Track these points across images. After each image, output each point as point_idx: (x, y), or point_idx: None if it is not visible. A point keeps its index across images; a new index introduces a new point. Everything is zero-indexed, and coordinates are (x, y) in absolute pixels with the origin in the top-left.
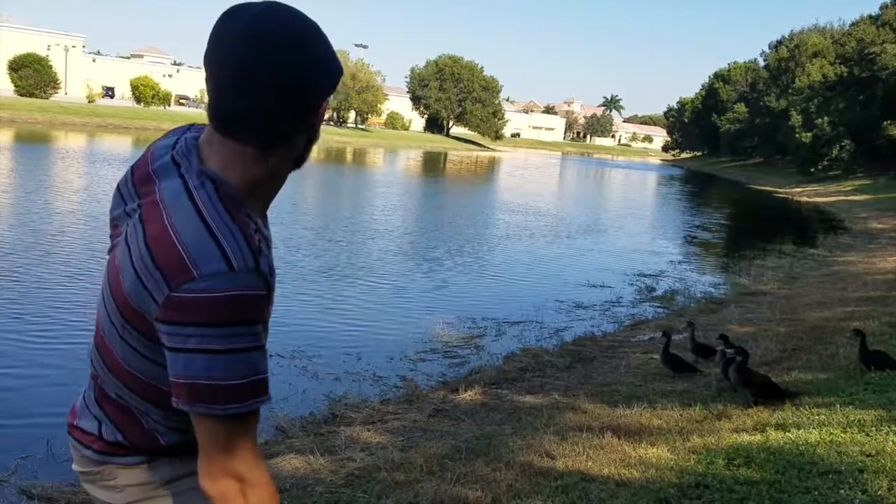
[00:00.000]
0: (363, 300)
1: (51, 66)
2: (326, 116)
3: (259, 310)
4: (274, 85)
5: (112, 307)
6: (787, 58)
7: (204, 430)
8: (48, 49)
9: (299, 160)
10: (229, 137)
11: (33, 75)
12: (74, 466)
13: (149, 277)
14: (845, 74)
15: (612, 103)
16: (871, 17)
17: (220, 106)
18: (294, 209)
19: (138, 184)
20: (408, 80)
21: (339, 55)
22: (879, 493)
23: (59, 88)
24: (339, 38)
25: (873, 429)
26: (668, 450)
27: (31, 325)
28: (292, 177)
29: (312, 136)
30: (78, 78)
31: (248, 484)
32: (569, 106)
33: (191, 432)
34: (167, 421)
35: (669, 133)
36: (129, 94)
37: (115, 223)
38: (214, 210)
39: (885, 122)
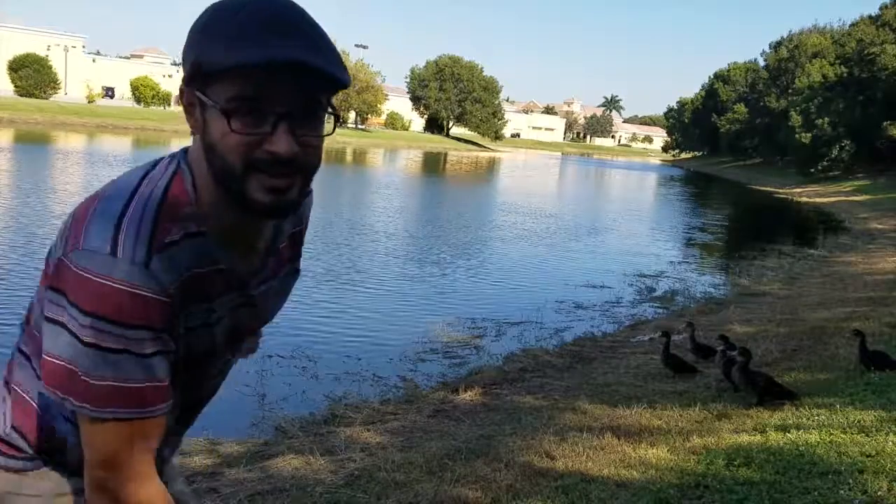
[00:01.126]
0: (363, 301)
1: (51, 67)
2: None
3: (136, 313)
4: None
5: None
6: (786, 58)
7: (80, 429)
8: (48, 49)
9: (236, 197)
10: None
11: (33, 75)
12: None
13: (61, 235)
14: (845, 75)
15: (612, 104)
16: (870, 17)
17: None
18: None
19: None
20: (408, 80)
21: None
22: (879, 493)
23: (58, 89)
24: (340, 39)
25: (873, 429)
26: (668, 450)
27: None
28: None
29: (207, 150)
30: (78, 78)
31: (131, 498)
32: (569, 106)
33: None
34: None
35: (669, 133)
36: (129, 94)
37: None
38: (150, 190)
39: (885, 123)
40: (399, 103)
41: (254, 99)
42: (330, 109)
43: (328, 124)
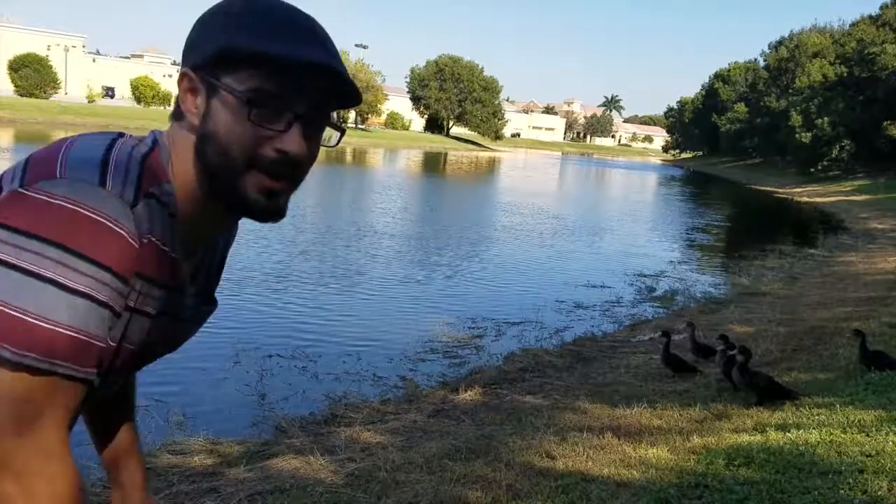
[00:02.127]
0: (363, 300)
1: (51, 66)
2: None
3: (110, 253)
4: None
5: None
6: (787, 58)
7: None
8: (48, 49)
9: (234, 199)
10: None
11: (33, 75)
12: None
13: (8, 176)
14: (845, 75)
15: (612, 103)
16: (870, 17)
17: None
18: (295, 210)
19: None
20: (408, 80)
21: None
22: (879, 493)
23: (59, 88)
24: (340, 39)
25: (873, 429)
26: (668, 450)
27: None
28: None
29: (217, 146)
30: (78, 78)
31: (37, 479)
32: (569, 106)
33: None
34: None
35: (669, 133)
36: (129, 94)
37: None
38: (130, 146)
39: (885, 123)
40: (399, 103)
41: (275, 95)
42: (334, 123)
43: (332, 137)
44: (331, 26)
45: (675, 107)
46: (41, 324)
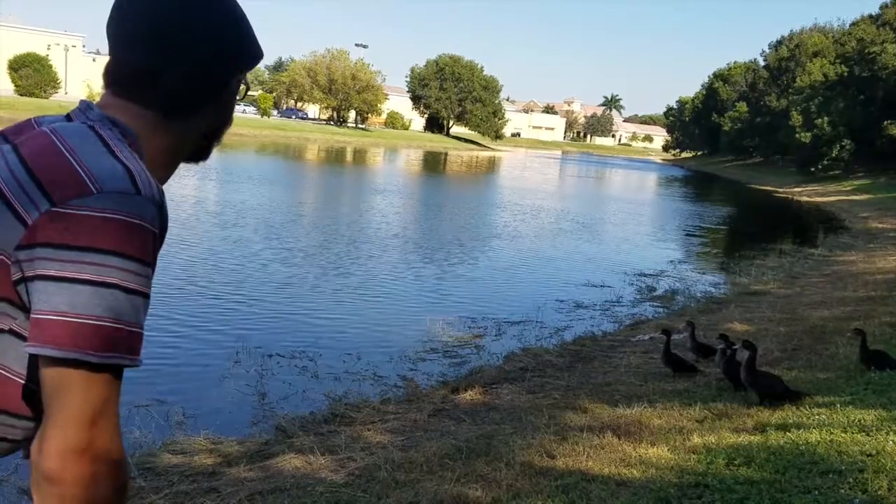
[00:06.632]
0: (363, 300)
1: (51, 66)
2: (326, 116)
3: (150, 250)
4: (188, 42)
5: None
6: (787, 57)
7: (66, 390)
8: (48, 49)
9: (199, 152)
10: (127, 99)
11: (33, 75)
12: None
13: (18, 193)
14: (845, 74)
15: (612, 103)
16: (871, 16)
17: (122, 62)
18: (294, 209)
19: (9, 133)
20: (408, 79)
21: (339, 55)
22: (879, 492)
23: (59, 88)
24: (340, 38)
25: (874, 429)
26: (669, 449)
27: None
28: (293, 179)
29: (220, 122)
30: (78, 77)
31: (111, 465)
32: (569, 105)
33: None
34: None
35: (669, 132)
36: None
37: None
38: (120, 143)
39: (885, 122)
40: (399, 103)
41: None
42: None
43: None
44: (331, 26)
45: (675, 106)
46: (115, 325)
